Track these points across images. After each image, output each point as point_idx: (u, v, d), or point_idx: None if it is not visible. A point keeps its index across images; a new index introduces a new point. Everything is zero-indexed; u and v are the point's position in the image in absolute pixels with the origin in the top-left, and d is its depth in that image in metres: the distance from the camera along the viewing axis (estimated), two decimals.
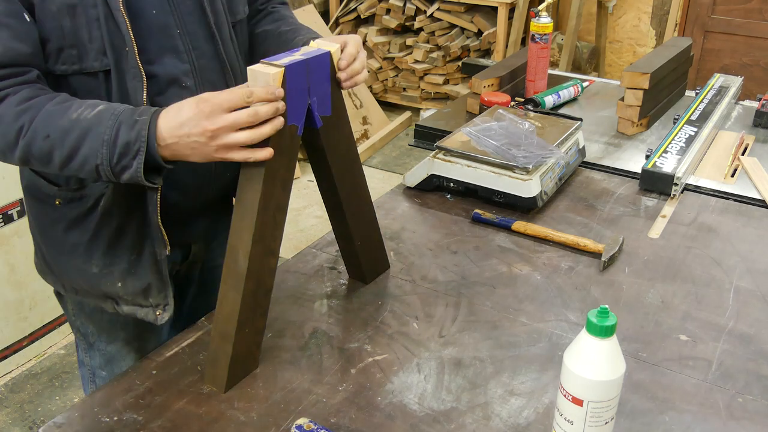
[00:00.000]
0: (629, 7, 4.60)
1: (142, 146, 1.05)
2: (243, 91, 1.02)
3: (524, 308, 1.34)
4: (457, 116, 2.16)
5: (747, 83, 2.57)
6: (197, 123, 1.03)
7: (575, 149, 1.82)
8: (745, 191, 1.76)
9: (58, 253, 1.31)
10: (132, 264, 1.28)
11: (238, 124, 1.02)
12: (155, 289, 1.30)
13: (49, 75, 1.14)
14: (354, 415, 1.08)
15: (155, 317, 1.32)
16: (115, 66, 1.15)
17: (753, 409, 1.10)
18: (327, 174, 1.26)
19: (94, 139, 1.06)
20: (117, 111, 1.07)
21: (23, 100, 1.07)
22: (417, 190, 1.77)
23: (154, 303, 1.31)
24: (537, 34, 2.18)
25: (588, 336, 0.92)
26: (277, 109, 1.03)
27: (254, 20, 1.44)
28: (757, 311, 1.33)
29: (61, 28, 1.10)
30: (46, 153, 1.08)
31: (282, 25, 1.41)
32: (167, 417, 1.07)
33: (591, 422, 0.93)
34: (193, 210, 1.37)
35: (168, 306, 1.32)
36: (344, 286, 1.40)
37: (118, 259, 1.28)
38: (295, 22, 1.44)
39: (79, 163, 1.08)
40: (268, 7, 1.48)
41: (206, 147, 1.05)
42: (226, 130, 1.03)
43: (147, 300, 1.31)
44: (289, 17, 1.46)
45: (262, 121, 1.03)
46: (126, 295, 1.31)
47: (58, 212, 1.27)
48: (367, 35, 4.91)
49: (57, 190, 1.26)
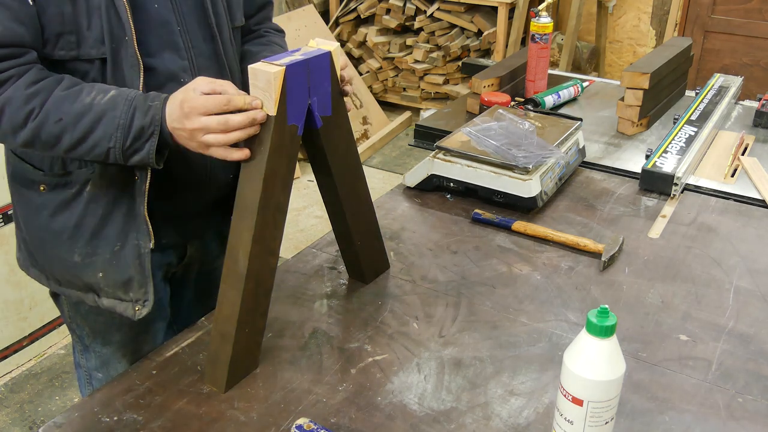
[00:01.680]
0: (629, 7, 4.60)
1: (156, 130, 1.12)
2: (222, 98, 1.08)
3: (524, 308, 1.34)
4: (457, 116, 2.16)
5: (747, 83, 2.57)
6: (179, 120, 1.11)
7: (575, 149, 1.82)
8: (745, 191, 1.76)
9: (41, 241, 1.31)
10: (114, 255, 1.28)
11: (208, 129, 1.09)
12: (136, 283, 1.30)
13: (45, 60, 1.16)
14: (354, 415, 1.08)
15: (134, 312, 1.31)
16: (113, 55, 1.17)
17: (753, 409, 1.10)
18: (327, 174, 1.26)
19: (109, 123, 1.12)
20: (130, 96, 1.13)
21: (31, 82, 1.11)
22: (417, 190, 1.77)
23: (134, 298, 1.30)
24: (537, 34, 2.18)
25: (588, 336, 0.92)
26: (252, 119, 1.07)
27: (245, 38, 1.46)
28: (757, 311, 1.33)
29: (62, 14, 1.12)
30: (56, 136, 1.13)
31: (265, 50, 1.43)
32: (167, 417, 1.07)
33: (591, 422, 0.94)
34: (189, 210, 1.38)
35: (147, 302, 1.31)
36: (344, 286, 1.40)
37: (101, 249, 1.28)
38: (278, 49, 1.45)
39: (89, 146, 1.14)
40: (262, 30, 1.50)
41: (190, 141, 1.12)
42: (199, 132, 1.10)
43: (127, 294, 1.30)
44: (277, 44, 1.47)
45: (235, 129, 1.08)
46: (107, 287, 1.30)
47: (43, 198, 1.28)
48: (367, 35, 4.91)
49: (41, 174, 1.27)
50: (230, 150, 1.10)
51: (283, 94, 1.07)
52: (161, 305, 1.43)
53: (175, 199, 1.32)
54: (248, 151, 1.10)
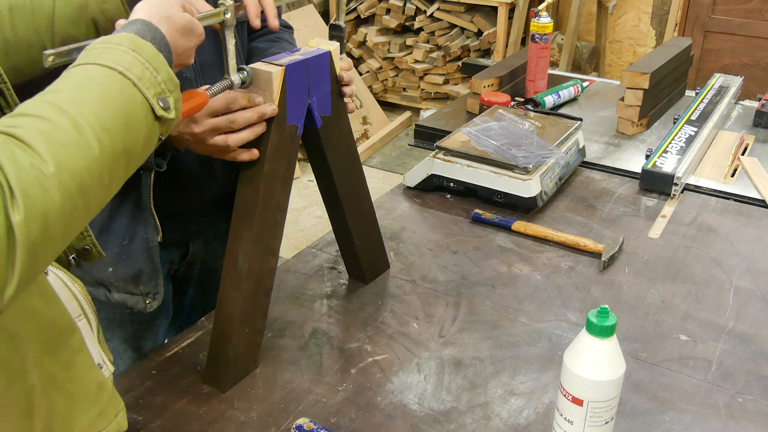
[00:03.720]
0: (629, 7, 4.60)
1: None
2: (226, 97, 1.08)
3: (524, 308, 1.34)
4: (457, 116, 2.16)
5: (747, 83, 2.57)
6: (186, 124, 1.10)
7: (575, 149, 1.82)
8: (745, 191, 1.76)
9: None
10: (124, 249, 1.28)
11: (217, 129, 1.09)
12: (146, 277, 1.30)
13: None
14: (354, 415, 1.08)
15: (144, 305, 1.32)
16: None
17: (753, 409, 1.10)
18: (327, 174, 1.26)
19: None
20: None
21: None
22: (417, 190, 1.77)
23: (145, 291, 1.31)
24: (537, 34, 2.18)
25: (588, 336, 0.92)
26: (261, 114, 1.07)
27: (253, 35, 1.45)
28: (757, 311, 1.33)
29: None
30: None
31: (273, 46, 1.43)
32: (167, 417, 1.07)
33: (591, 422, 0.93)
34: (191, 207, 1.38)
35: (158, 295, 1.31)
36: (344, 286, 1.40)
37: (111, 244, 1.28)
38: (287, 45, 1.45)
39: None
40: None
41: (197, 145, 1.12)
42: (208, 134, 1.10)
43: (137, 287, 1.31)
44: (286, 41, 1.47)
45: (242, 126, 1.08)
46: (117, 282, 1.30)
47: None
48: (367, 35, 4.91)
49: None
50: (239, 151, 1.10)
51: (283, 93, 1.07)
52: (164, 302, 1.43)
53: (177, 197, 1.32)
54: (257, 152, 1.10)
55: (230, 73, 1.04)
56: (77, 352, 0.82)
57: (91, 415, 0.83)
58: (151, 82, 0.77)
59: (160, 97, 0.78)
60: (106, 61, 0.75)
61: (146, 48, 0.79)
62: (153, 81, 0.77)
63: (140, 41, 0.79)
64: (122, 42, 0.78)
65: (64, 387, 0.79)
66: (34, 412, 0.75)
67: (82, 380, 0.82)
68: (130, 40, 0.78)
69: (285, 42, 1.46)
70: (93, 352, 0.86)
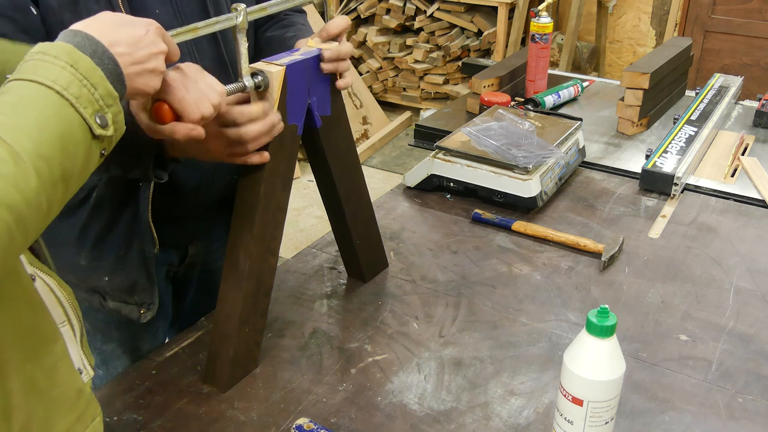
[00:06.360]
0: (629, 7, 4.60)
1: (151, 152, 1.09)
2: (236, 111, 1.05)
3: (524, 308, 1.34)
4: (457, 116, 2.16)
5: (747, 83, 2.57)
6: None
7: (575, 149, 1.82)
8: (745, 191, 1.76)
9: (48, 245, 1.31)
10: (120, 260, 1.28)
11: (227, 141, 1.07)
12: (141, 288, 1.30)
13: None
14: (354, 415, 1.08)
15: (139, 315, 1.32)
16: None
17: (753, 409, 1.10)
18: (327, 174, 1.26)
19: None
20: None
21: None
22: (417, 190, 1.77)
23: (139, 301, 1.31)
24: (537, 34, 2.18)
25: (588, 336, 0.92)
26: (271, 125, 1.06)
27: (265, 26, 1.45)
28: (757, 311, 1.33)
29: (62, 22, 1.11)
30: None
31: (288, 31, 1.41)
32: (167, 417, 1.07)
33: (591, 422, 0.93)
34: (190, 211, 1.37)
35: (152, 305, 1.31)
36: (344, 286, 1.40)
37: (106, 254, 1.28)
38: (301, 27, 1.44)
39: None
40: (281, 13, 1.48)
41: (202, 154, 1.10)
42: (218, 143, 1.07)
43: (132, 297, 1.31)
44: (299, 23, 1.45)
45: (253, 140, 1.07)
46: (112, 291, 1.30)
47: None
48: (367, 35, 4.91)
49: None
50: (249, 155, 1.09)
51: (283, 93, 1.07)
52: (163, 304, 1.43)
53: (176, 202, 1.32)
54: (267, 154, 1.09)
55: (243, 76, 1.04)
56: (60, 358, 0.81)
57: (69, 420, 0.82)
58: (89, 100, 0.74)
59: (98, 115, 0.74)
60: (43, 78, 0.71)
61: (83, 62, 0.75)
62: (90, 99, 0.74)
63: (78, 55, 0.75)
64: (60, 55, 0.73)
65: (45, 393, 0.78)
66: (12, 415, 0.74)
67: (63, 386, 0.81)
68: (69, 53, 0.74)
69: (299, 25, 1.45)
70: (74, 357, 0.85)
